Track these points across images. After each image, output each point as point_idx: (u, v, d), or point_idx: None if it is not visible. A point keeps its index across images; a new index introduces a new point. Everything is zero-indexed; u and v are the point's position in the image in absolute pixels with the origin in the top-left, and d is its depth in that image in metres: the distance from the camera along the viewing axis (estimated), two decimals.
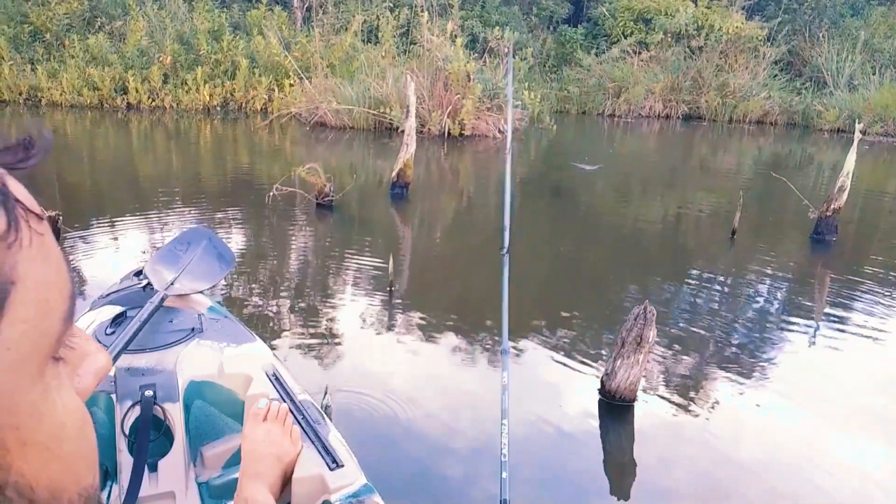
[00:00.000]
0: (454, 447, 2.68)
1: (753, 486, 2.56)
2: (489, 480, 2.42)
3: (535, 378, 3.30)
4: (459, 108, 11.04)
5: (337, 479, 1.42)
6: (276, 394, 1.70)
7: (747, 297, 4.69)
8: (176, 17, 13.57)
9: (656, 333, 2.96)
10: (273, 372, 1.80)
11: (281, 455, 1.40)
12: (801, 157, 11.98)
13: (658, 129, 14.58)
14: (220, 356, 1.85)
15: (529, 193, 7.71)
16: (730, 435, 2.91)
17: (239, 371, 1.81)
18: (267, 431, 1.43)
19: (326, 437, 1.53)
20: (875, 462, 2.76)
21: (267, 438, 1.41)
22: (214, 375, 1.80)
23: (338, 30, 13.94)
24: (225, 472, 1.68)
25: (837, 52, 15.71)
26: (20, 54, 12.43)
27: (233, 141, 10.71)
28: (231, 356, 1.86)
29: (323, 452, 1.48)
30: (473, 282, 4.77)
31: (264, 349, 1.96)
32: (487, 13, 16.15)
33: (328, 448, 1.49)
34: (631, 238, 6.18)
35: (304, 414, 1.61)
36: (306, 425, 1.56)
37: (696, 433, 2.91)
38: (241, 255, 5.03)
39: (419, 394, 3.06)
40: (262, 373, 1.79)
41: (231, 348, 1.90)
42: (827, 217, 5.76)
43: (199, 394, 1.78)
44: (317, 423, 1.59)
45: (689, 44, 16.16)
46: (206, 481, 1.68)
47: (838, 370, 3.64)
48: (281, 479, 1.39)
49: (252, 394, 1.71)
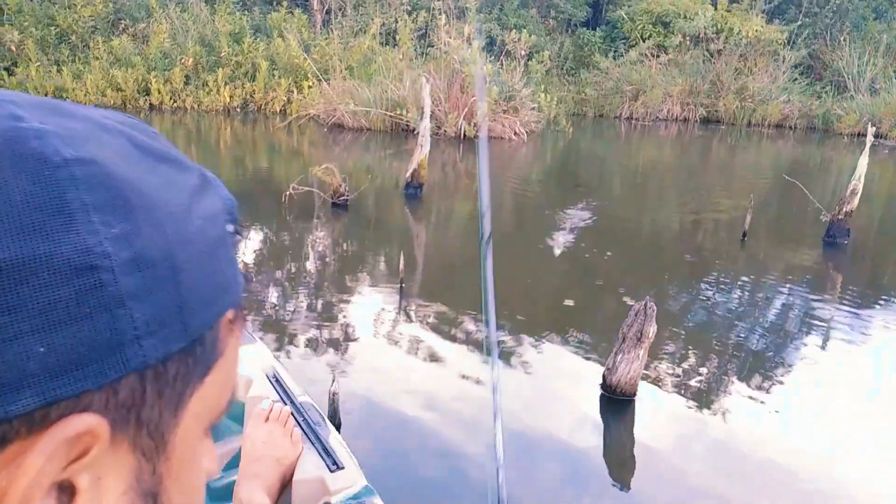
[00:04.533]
0: (458, 446, 2.74)
1: (752, 478, 2.61)
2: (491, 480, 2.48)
3: (540, 372, 3.36)
4: (476, 110, 11.11)
5: (337, 481, 1.42)
6: (277, 395, 1.70)
7: (754, 297, 4.71)
8: (198, 19, 13.81)
9: (657, 330, 3.01)
10: (273, 374, 1.80)
11: (280, 457, 1.40)
12: (820, 161, 11.91)
13: (675, 133, 14.56)
14: None
15: (542, 192, 7.76)
16: (730, 430, 2.95)
17: (239, 373, 1.80)
18: (268, 433, 1.42)
19: (327, 439, 1.53)
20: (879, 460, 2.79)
21: (267, 440, 1.41)
22: None
23: (356, 32, 14.10)
24: (225, 474, 1.65)
25: (859, 56, 15.57)
26: (47, 56, 12.72)
27: (252, 141, 10.88)
28: None
29: (323, 454, 1.48)
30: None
31: (265, 351, 1.96)
32: (505, 16, 16.22)
33: (328, 450, 1.49)
34: (642, 238, 6.22)
35: (304, 416, 1.61)
36: (307, 427, 1.56)
37: (697, 428, 2.96)
38: (256, 251, 5.15)
39: (425, 392, 3.13)
40: (263, 374, 1.79)
41: None
42: (839, 220, 5.76)
43: None
44: (317, 424, 1.59)
45: (708, 47, 16.10)
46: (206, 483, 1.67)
47: (841, 369, 3.66)
48: (280, 481, 1.39)
49: (252, 395, 1.71)
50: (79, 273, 0.24)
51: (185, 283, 0.27)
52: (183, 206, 0.29)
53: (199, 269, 0.28)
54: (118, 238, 0.25)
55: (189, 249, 0.28)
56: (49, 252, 0.23)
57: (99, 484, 0.26)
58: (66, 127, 0.26)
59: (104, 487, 0.27)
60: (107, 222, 0.25)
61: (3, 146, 0.24)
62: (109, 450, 0.26)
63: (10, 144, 0.24)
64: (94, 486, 0.26)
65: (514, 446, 2.71)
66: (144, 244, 0.26)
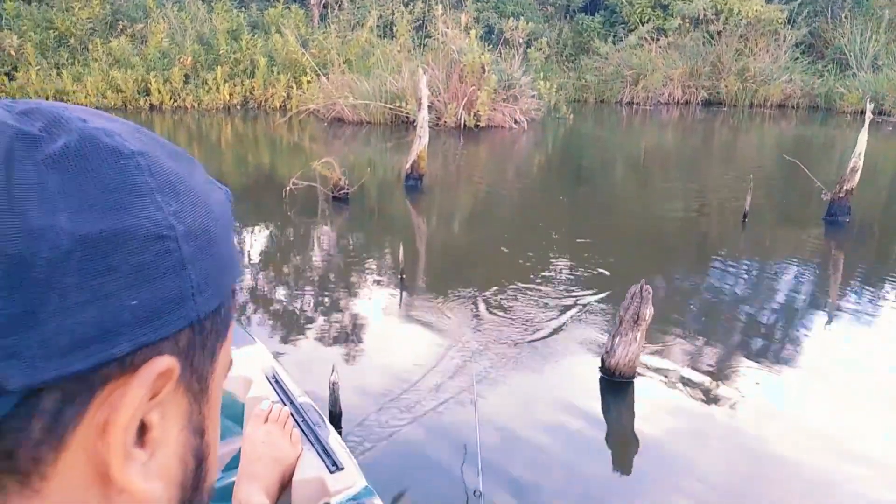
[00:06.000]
0: (462, 446, 2.76)
1: (753, 458, 2.62)
2: (492, 480, 2.51)
3: (543, 354, 3.38)
4: (475, 99, 11.10)
5: (337, 482, 1.41)
6: (276, 396, 1.70)
7: (754, 277, 4.72)
8: (195, 18, 13.82)
9: (656, 312, 3.02)
10: (273, 374, 1.80)
11: (280, 458, 1.40)
12: (823, 141, 11.84)
13: (677, 116, 14.50)
14: None
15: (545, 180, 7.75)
16: (730, 412, 2.97)
17: (239, 373, 1.79)
18: (267, 433, 1.43)
19: (326, 440, 1.53)
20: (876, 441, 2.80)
21: (267, 440, 1.41)
22: None
23: (354, 26, 14.09)
24: (225, 474, 1.64)
25: (861, 33, 15.44)
26: (46, 59, 12.77)
27: (253, 138, 10.90)
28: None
29: (323, 455, 1.47)
30: (485, 272, 4.85)
31: (264, 351, 1.97)
32: (503, 4, 16.16)
33: (328, 450, 1.49)
34: (643, 221, 6.21)
35: (304, 416, 1.61)
36: (306, 428, 1.56)
37: (696, 408, 2.97)
38: (257, 247, 5.18)
39: (424, 383, 3.16)
40: (262, 375, 1.79)
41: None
42: (839, 198, 5.74)
43: None
44: (317, 425, 1.58)
45: (708, 28, 16.00)
46: None
47: (844, 348, 3.67)
48: (279, 482, 1.39)
49: (252, 396, 1.72)
50: (154, 241, 0.29)
51: (217, 253, 0.33)
52: (205, 192, 0.35)
53: (223, 243, 0.34)
54: (176, 214, 0.31)
55: (217, 226, 0.34)
56: (133, 224, 0.29)
57: (165, 421, 0.32)
58: (117, 127, 0.32)
59: (168, 424, 0.32)
60: (167, 202, 0.31)
61: (84, 143, 0.29)
62: (172, 391, 0.32)
63: (89, 141, 0.29)
64: (162, 422, 0.32)
65: (516, 428, 2.73)
66: (191, 220, 0.32)
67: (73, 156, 0.28)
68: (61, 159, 0.28)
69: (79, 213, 0.27)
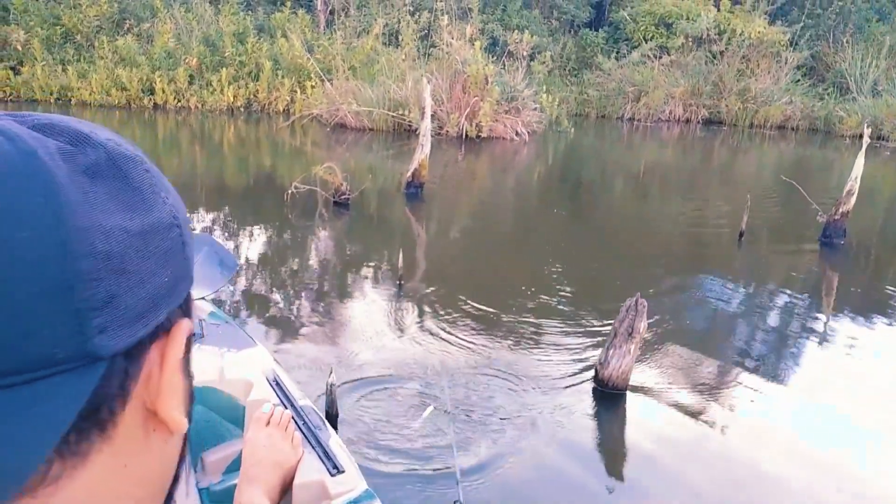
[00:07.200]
0: (446, 454, 2.79)
1: (742, 471, 2.66)
2: (480, 489, 2.54)
3: (537, 365, 3.41)
4: (477, 110, 11.18)
5: (338, 485, 1.41)
6: (277, 399, 1.70)
7: (749, 295, 4.76)
8: (202, 19, 13.90)
9: (651, 326, 3.06)
10: (274, 377, 1.80)
11: (281, 461, 1.41)
12: (821, 163, 11.93)
13: (678, 134, 14.59)
14: (220, 361, 1.86)
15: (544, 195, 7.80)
16: (721, 424, 3.00)
17: (240, 376, 1.80)
18: (268, 436, 1.43)
19: (327, 443, 1.53)
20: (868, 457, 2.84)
21: (268, 443, 1.42)
22: (215, 381, 1.80)
23: (359, 33, 14.17)
24: (225, 477, 1.65)
25: (861, 58, 15.58)
26: (52, 55, 12.83)
27: (255, 141, 10.95)
28: (232, 361, 1.86)
29: (324, 458, 1.48)
30: (482, 281, 4.89)
31: (265, 354, 1.97)
32: (508, 16, 16.27)
33: (329, 453, 1.49)
34: (641, 235, 6.26)
35: (304, 419, 1.61)
36: (307, 431, 1.56)
37: (687, 421, 3.01)
38: (257, 249, 5.21)
39: (421, 389, 3.19)
40: (263, 378, 1.80)
41: (232, 353, 1.90)
42: (835, 221, 5.80)
43: (200, 399, 1.76)
44: (318, 428, 1.58)
45: (711, 48, 16.13)
46: (207, 487, 1.66)
47: (836, 368, 3.71)
48: (280, 485, 1.40)
49: (253, 399, 1.72)
50: (170, 229, 0.36)
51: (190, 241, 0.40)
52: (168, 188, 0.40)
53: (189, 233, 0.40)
54: (173, 206, 0.37)
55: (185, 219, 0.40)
56: (158, 217, 0.35)
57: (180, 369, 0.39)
58: (116, 137, 0.37)
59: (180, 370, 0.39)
60: (166, 196, 0.37)
61: (110, 154, 0.35)
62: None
63: (116, 149, 0.35)
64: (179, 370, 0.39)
65: (516, 431, 2.77)
66: (179, 208, 0.38)
67: (107, 165, 0.34)
68: (100, 170, 0.33)
69: (125, 213, 0.33)
